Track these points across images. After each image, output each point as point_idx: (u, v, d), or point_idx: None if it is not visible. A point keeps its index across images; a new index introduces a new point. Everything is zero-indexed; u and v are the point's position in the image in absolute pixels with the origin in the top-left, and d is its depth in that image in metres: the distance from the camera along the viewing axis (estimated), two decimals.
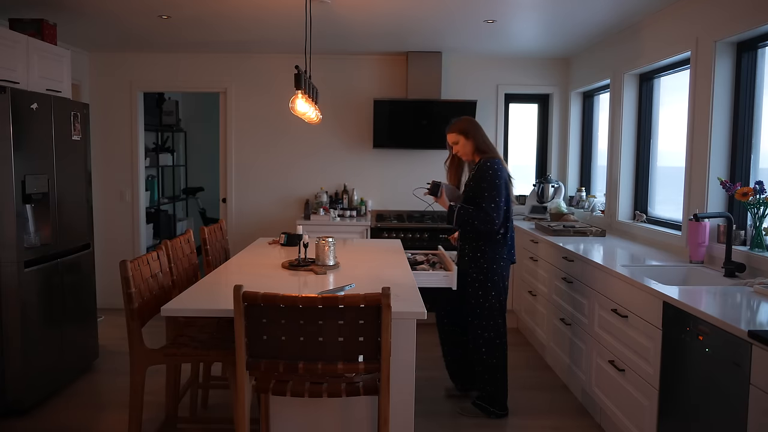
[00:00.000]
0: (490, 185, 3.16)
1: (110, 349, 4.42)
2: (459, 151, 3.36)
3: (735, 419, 1.99)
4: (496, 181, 3.16)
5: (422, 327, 4.97)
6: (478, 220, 3.17)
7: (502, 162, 3.27)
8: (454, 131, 3.35)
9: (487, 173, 3.18)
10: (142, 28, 4.48)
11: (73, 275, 3.83)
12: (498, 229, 3.21)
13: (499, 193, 3.16)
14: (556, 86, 5.56)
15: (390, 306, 1.94)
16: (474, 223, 3.18)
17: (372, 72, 5.53)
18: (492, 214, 3.14)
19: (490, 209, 3.14)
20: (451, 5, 3.76)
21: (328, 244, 3.07)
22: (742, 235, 3.06)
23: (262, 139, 5.58)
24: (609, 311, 3.05)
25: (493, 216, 3.14)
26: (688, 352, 2.31)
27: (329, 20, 4.10)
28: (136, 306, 2.45)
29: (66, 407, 3.47)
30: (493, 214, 3.14)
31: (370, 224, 5.04)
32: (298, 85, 3.14)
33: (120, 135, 5.51)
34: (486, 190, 3.16)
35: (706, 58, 3.25)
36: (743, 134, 3.14)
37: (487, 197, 3.15)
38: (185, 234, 3.37)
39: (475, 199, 3.22)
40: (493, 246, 3.26)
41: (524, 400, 3.59)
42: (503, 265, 3.29)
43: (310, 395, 2.07)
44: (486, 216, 3.15)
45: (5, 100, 3.17)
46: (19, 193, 3.28)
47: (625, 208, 4.38)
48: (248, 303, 1.96)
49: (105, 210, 5.51)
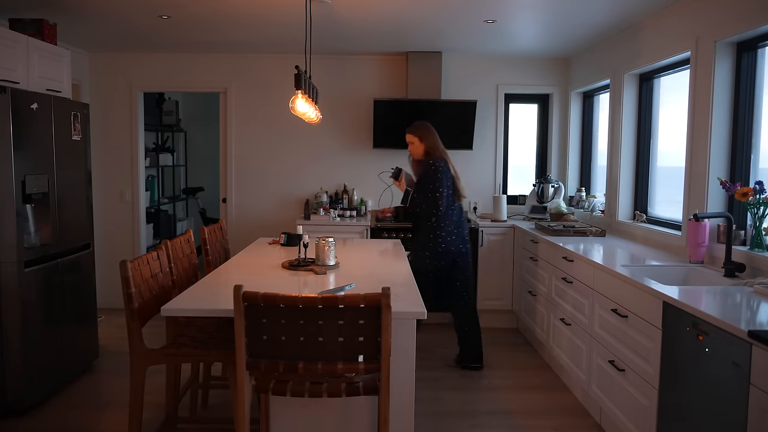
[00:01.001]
0: (434, 179, 3.80)
1: (110, 349, 4.42)
2: (412, 150, 4.00)
3: (735, 419, 1.99)
4: (438, 175, 3.81)
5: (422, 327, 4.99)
6: (426, 204, 3.83)
7: (447, 162, 3.92)
8: (411, 133, 3.98)
9: (431, 169, 3.83)
10: (142, 28, 4.48)
11: (73, 275, 3.83)
12: (437, 214, 3.84)
13: (441, 185, 3.80)
14: (556, 86, 5.56)
15: (390, 306, 1.94)
16: (423, 206, 3.86)
17: (372, 72, 5.53)
18: (437, 203, 3.80)
19: (434, 198, 3.80)
20: (451, 5, 3.76)
21: (328, 244, 3.07)
22: (742, 235, 3.06)
23: (262, 139, 5.58)
24: (609, 311, 3.05)
25: (438, 204, 3.80)
26: (688, 352, 2.31)
27: (329, 20, 4.10)
28: (136, 306, 2.45)
29: (66, 407, 3.47)
30: (438, 203, 3.80)
31: (370, 224, 5.04)
32: (298, 85, 3.14)
33: (120, 135, 5.51)
34: (431, 183, 3.81)
35: (706, 58, 3.25)
36: (743, 134, 3.14)
37: (432, 188, 3.81)
38: (185, 234, 3.37)
39: (422, 190, 3.86)
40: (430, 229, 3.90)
41: (524, 400, 3.60)
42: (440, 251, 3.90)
43: (310, 395, 2.07)
44: (431, 203, 3.81)
45: (5, 100, 3.17)
46: (19, 193, 3.28)
47: (625, 208, 4.38)
48: (248, 303, 1.96)
49: (105, 210, 5.51)
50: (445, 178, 3.83)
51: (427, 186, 3.82)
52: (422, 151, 3.95)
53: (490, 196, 5.58)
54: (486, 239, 5.05)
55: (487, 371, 4.10)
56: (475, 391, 3.76)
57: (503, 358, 4.38)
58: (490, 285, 5.09)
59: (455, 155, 5.52)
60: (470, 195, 5.62)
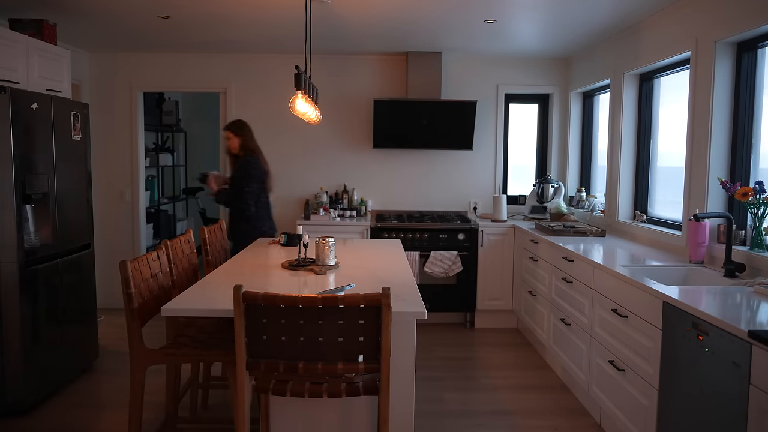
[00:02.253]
0: (246, 175, 4.11)
1: (110, 349, 4.42)
2: (229, 145, 4.27)
3: (735, 419, 1.99)
4: (250, 171, 4.12)
5: (422, 327, 4.99)
6: (234, 199, 4.13)
7: (259, 159, 4.21)
8: (227, 129, 4.28)
9: (243, 166, 4.15)
10: (142, 28, 4.48)
11: (73, 275, 3.83)
12: (250, 207, 4.12)
13: (251, 181, 4.10)
14: (556, 86, 5.56)
15: (390, 306, 1.94)
16: (229, 200, 4.17)
17: (372, 72, 5.53)
18: (245, 197, 4.09)
19: (244, 192, 4.09)
20: (451, 5, 3.76)
21: (328, 244, 3.07)
22: (742, 235, 3.06)
23: (262, 138, 5.52)
24: (609, 311, 3.05)
25: (247, 198, 4.09)
26: (688, 352, 2.31)
27: (329, 20, 4.10)
28: (136, 306, 2.45)
29: (66, 407, 3.47)
30: (246, 197, 4.09)
31: (370, 224, 5.04)
32: (298, 85, 3.14)
33: (120, 135, 5.51)
34: (243, 178, 4.11)
35: (706, 58, 3.25)
36: (743, 134, 3.14)
37: (241, 184, 4.10)
38: (185, 234, 3.37)
39: (235, 184, 4.15)
40: (247, 220, 4.18)
41: (524, 400, 3.60)
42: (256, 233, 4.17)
43: (310, 395, 2.07)
44: (242, 197, 4.10)
45: (5, 100, 3.17)
46: (19, 193, 3.28)
47: (625, 208, 4.38)
48: (248, 303, 1.96)
49: (105, 210, 5.51)
50: (255, 174, 4.15)
51: (239, 180, 4.15)
52: (237, 145, 4.24)
53: (490, 196, 5.58)
54: (486, 239, 5.05)
55: (487, 371, 4.10)
56: (475, 391, 3.76)
57: (503, 358, 4.38)
58: (490, 285, 5.09)
59: (455, 155, 5.57)
60: (470, 195, 5.64)
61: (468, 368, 4.16)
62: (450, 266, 4.94)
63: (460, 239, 5.03)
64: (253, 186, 4.12)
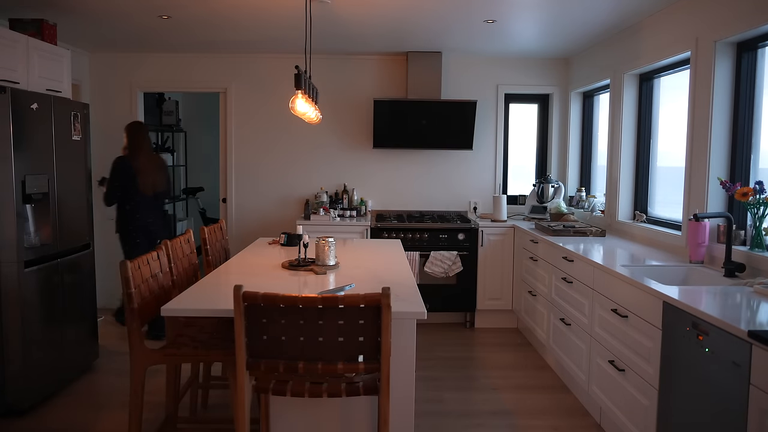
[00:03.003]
0: (110, 174, 4.48)
1: (110, 349, 4.42)
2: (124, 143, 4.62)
3: (735, 419, 2.00)
4: (112, 170, 4.48)
5: (422, 327, 5.00)
6: (105, 197, 4.52)
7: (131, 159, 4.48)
8: (125, 129, 4.62)
9: (112, 165, 4.49)
10: (142, 28, 4.48)
11: (73, 275, 3.83)
12: (124, 205, 4.49)
13: (115, 179, 4.45)
14: (556, 86, 5.56)
15: (390, 306, 1.94)
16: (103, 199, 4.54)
17: (372, 72, 5.53)
18: (110, 195, 4.49)
19: (108, 190, 4.49)
20: (451, 5, 3.76)
21: (328, 244, 3.07)
22: (742, 235, 3.06)
23: (262, 139, 5.58)
24: (609, 311, 3.05)
25: (111, 196, 4.48)
26: (688, 352, 2.31)
27: (329, 20, 4.10)
28: (136, 306, 2.45)
29: (66, 407, 3.47)
30: (110, 194, 4.48)
31: (370, 224, 5.04)
32: (298, 85, 3.14)
33: (120, 135, 5.47)
34: (109, 178, 4.51)
35: (706, 58, 3.25)
36: (743, 134, 3.14)
37: (108, 183, 4.50)
38: (185, 234, 3.37)
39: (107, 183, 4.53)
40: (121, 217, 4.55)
41: (524, 400, 3.60)
42: (131, 228, 4.53)
43: (310, 395, 2.07)
44: (108, 195, 4.50)
45: (5, 100, 3.17)
46: (19, 193, 3.28)
47: (625, 208, 4.38)
48: (248, 303, 1.96)
49: (105, 210, 5.49)
50: (119, 174, 4.46)
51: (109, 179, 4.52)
52: (124, 145, 4.58)
53: (490, 196, 5.58)
54: (486, 239, 5.05)
55: (487, 371, 4.10)
56: (475, 391, 3.76)
57: (503, 358, 4.38)
58: (490, 285, 5.10)
59: (455, 155, 5.57)
60: (470, 195, 5.63)
61: (468, 368, 4.17)
62: (450, 266, 4.94)
63: (460, 239, 5.03)
64: (115, 184, 4.45)
